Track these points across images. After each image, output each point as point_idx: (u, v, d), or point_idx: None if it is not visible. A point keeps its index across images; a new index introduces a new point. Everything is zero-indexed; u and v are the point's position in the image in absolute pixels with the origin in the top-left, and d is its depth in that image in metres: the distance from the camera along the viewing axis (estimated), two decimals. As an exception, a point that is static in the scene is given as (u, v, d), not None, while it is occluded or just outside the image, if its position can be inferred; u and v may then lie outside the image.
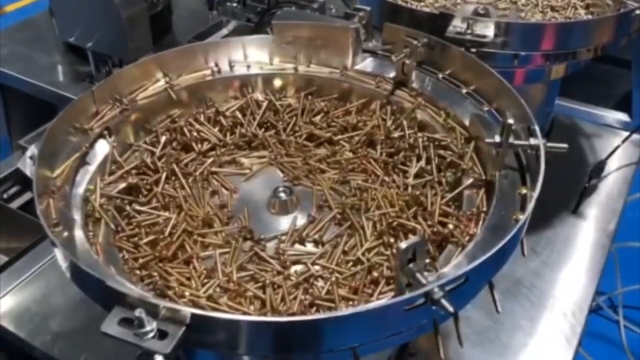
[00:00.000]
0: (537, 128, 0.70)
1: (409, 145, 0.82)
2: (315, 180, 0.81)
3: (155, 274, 0.65)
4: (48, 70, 1.48)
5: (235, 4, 1.55)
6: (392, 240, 0.71)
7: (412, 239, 0.56)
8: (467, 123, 0.80)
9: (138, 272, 0.66)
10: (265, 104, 0.88)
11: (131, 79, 0.84)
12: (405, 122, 0.84)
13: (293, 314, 0.62)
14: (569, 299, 1.04)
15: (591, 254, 1.12)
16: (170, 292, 0.63)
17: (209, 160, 0.82)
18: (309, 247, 0.73)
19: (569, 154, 0.71)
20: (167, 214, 0.73)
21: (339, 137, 0.86)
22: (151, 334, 0.51)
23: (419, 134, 0.82)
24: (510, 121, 0.69)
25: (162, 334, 0.52)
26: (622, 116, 1.50)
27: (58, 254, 0.62)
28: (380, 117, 0.86)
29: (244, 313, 0.63)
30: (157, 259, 0.68)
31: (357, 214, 0.75)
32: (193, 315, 0.52)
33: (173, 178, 0.79)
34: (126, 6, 1.26)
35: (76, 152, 0.74)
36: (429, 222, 0.72)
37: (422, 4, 1.15)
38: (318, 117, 0.88)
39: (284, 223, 0.76)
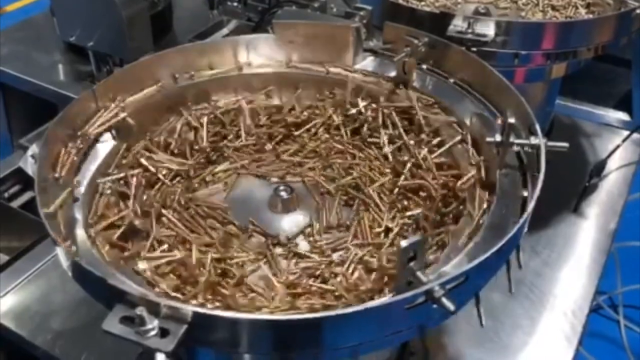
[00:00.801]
0: (537, 127, 0.70)
1: (372, 119, 0.83)
2: (300, 173, 0.82)
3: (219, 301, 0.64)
4: (49, 69, 1.48)
5: (235, 4, 1.55)
6: (405, 203, 0.74)
7: (413, 237, 0.56)
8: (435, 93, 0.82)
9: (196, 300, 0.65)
10: (206, 118, 0.84)
11: (132, 78, 0.84)
12: (359, 99, 0.84)
13: (371, 292, 0.63)
14: (569, 298, 1.04)
15: (591, 253, 1.12)
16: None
17: (179, 190, 0.78)
18: (335, 233, 0.75)
19: (569, 153, 0.71)
20: (180, 253, 0.70)
21: (298, 132, 0.86)
22: (153, 332, 0.51)
23: (374, 105, 0.83)
24: (511, 120, 0.69)
25: (163, 332, 0.52)
26: (623, 115, 1.50)
27: (60, 252, 0.62)
28: (325, 101, 0.87)
29: (327, 307, 0.63)
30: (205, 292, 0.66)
31: (360, 191, 0.77)
32: (194, 314, 0.52)
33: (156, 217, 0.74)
34: (127, 5, 1.26)
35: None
36: (433, 176, 0.73)
37: (422, 3, 1.15)
38: (264, 119, 0.87)
39: (292, 220, 0.77)
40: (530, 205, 0.63)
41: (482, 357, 0.95)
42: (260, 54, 0.89)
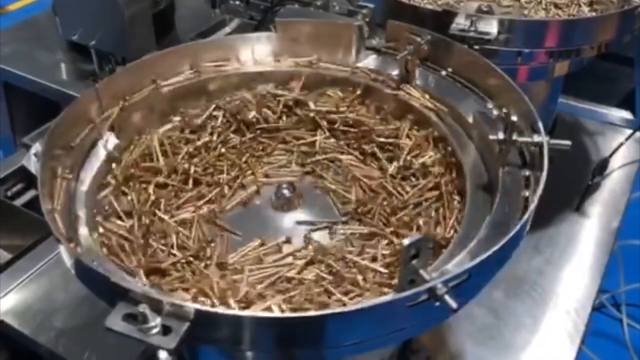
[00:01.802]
0: (540, 125, 0.70)
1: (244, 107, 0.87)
2: (255, 181, 0.83)
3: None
4: (51, 68, 1.48)
5: (238, 2, 1.55)
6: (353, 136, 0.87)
7: (415, 236, 0.56)
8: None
9: None
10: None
11: (135, 77, 0.84)
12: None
13: None
14: (572, 296, 1.04)
15: (594, 252, 1.12)
16: None
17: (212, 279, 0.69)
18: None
19: (572, 152, 0.71)
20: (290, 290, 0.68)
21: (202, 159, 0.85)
22: (155, 330, 0.51)
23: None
24: (514, 118, 0.69)
25: (166, 330, 0.52)
26: (626, 114, 1.50)
27: (63, 251, 0.62)
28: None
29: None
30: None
31: (319, 154, 0.86)
32: (197, 311, 0.52)
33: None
34: (129, 4, 1.26)
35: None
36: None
37: (425, 1, 1.15)
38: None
39: (307, 211, 0.79)
40: (533, 203, 0.63)
41: (485, 355, 0.95)
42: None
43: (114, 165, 0.78)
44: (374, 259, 0.71)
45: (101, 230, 0.70)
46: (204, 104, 0.87)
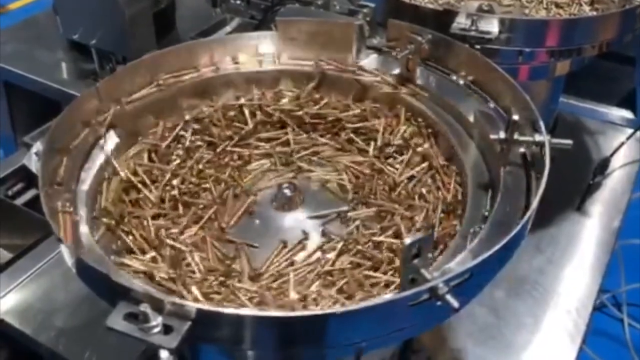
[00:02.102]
0: (542, 124, 0.70)
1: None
2: (248, 192, 0.82)
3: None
4: (52, 67, 1.48)
5: (238, 2, 1.55)
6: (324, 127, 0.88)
7: (416, 235, 0.56)
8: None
9: None
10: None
11: (135, 76, 0.83)
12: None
13: None
14: (572, 296, 1.04)
15: (595, 252, 1.12)
16: None
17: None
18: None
19: (573, 152, 0.71)
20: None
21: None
22: (156, 329, 0.51)
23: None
24: (515, 117, 0.69)
25: (167, 329, 0.52)
26: (626, 113, 1.50)
27: (64, 250, 0.62)
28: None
29: None
30: None
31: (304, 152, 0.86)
32: (198, 311, 0.52)
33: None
34: (129, 4, 1.26)
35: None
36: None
37: (426, 0, 1.15)
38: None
39: (307, 210, 0.79)
40: (534, 202, 0.63)
41: (485, 355, 0.95)
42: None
43: (102, 199, 0.74)
44: (397, 236, 0.72)
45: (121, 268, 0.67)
46: (175, 118, 0.85)
